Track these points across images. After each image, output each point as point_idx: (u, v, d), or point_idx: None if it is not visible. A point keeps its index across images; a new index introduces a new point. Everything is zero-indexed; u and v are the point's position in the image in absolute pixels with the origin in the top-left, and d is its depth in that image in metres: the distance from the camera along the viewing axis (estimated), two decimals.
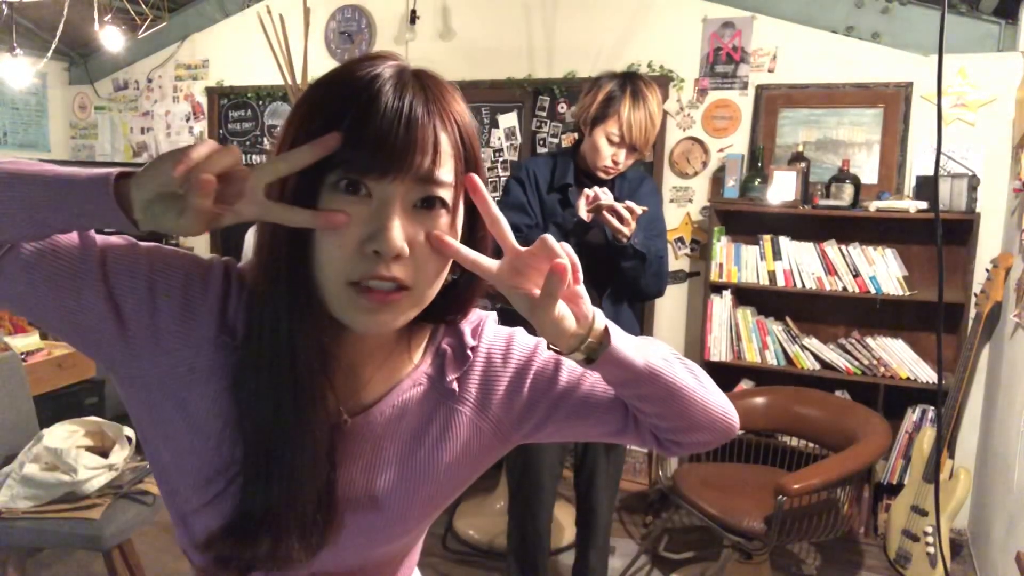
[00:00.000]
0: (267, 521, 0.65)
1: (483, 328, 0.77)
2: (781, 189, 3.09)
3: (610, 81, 1.95)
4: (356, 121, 0.60)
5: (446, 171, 0.63)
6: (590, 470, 2.15)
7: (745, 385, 3.24)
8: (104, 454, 2.17)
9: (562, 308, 0.63)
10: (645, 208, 1.83)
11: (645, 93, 1.91)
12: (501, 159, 3.84)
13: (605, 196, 1.84)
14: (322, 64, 3.96)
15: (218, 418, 0.66)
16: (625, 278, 1.96)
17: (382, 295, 0.62)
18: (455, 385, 0.74)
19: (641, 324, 2.36)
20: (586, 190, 1.88)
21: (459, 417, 0.74)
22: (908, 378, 2.97)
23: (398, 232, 0.60)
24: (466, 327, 0.76)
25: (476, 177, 0.65)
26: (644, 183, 2.10)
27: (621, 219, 1.81)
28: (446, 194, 0.64)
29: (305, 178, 0.62)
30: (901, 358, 3.00)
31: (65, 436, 2.19)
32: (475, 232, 0.70)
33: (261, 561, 0.66)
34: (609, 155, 1.93)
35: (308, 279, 0.64)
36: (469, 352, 0.75)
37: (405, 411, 0.73)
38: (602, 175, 1.97)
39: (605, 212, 1.82)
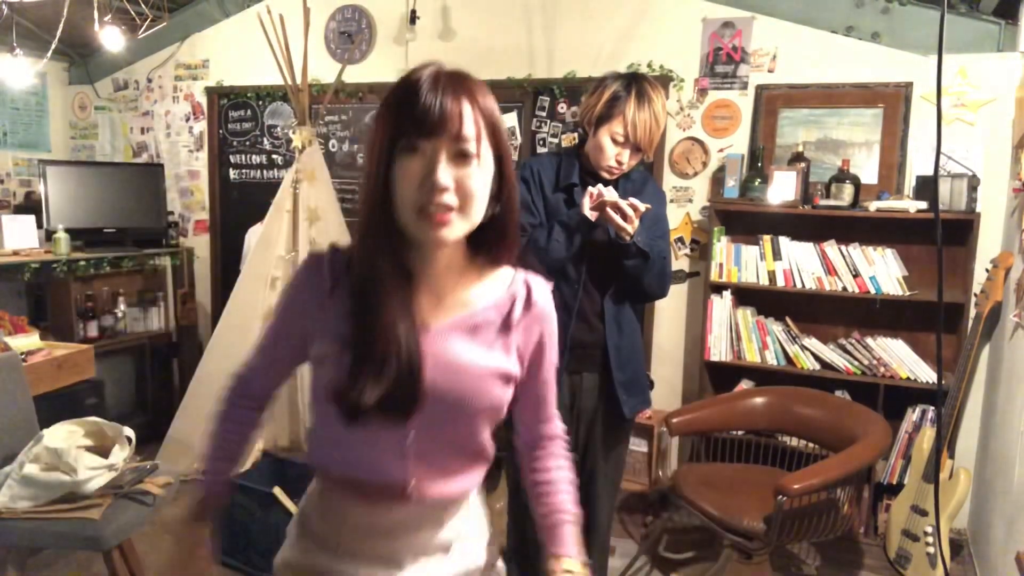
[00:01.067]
0: (372, 382, 0.93)
1: (545, 292, 1.10)
2: (781, 189, 3.09)
3: (615, 81, 1.95)
4: (410, 107, 0.93)
5: (471, 132, 0.93)
6: (590, 471, 2.15)
7: (745, 385, 3.24)
8: (104, 454, 2.17)
9: None
10: (648, 206, 1.83)
11: (650, 94, 1.90)
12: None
13: (609, 193, 1.84)
14: (322, 64, 3.96)
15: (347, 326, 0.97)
16: (628, 278, 1.96)
17: (439, 216, 0.92)
18: (514, 322, 1.05)
19: (642, 324, 2.36)
20: (590, 188, 1.88)
21: (508, 343, 1.05)
22: (908, 378, 2.97)
23: (443, 173, 0.91)
24: (535, 284, 1.08)
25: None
26: (648, 184, 2.10)
27: (625, 217, 1.81)
28: (473, 149, 0.93)
29: (386, 149, 0.93)
30: (901, 358, 3.00)
31: (65, 436, 2.19)
32: (503, 185, 0.99)
33: (371, 411, 0.94)
34: (613, 155, 1.93)
35: (391, 217, 0.94)
36: (537, 299, 1.07)
37: (477, 329, 1.03)
38: (606, 175, 1.97)
39: (609, 209, 1.81)
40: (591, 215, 1.86)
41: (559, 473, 1.18)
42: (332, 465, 1.05)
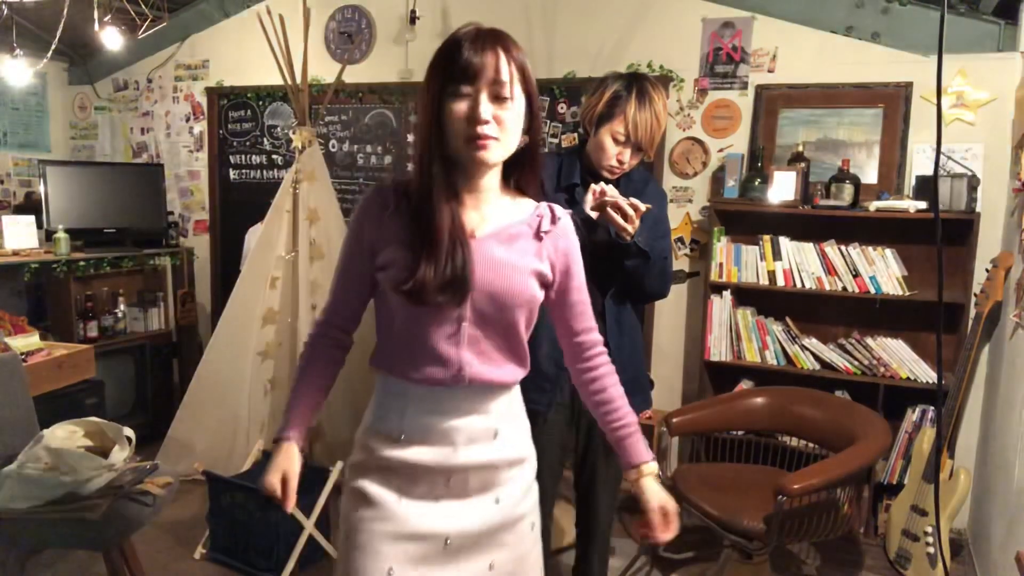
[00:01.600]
0: (432, 271, 1.16)
1: (566, 217, 1.34)
2: (781, 189, 3.09)
3: (616, 81, 1.95)
4: (455, 59, 1.15)
5: (506, 77, 1.15)
6: (591, 470, 2.15)
7: (745, 385, 3.24)
8: (104, 454, 2.17)
9: None
10: (650, 206, 1.83)
11: (651, 93, 1.91)
12: None
13: (611, 191, 1.84)
14: (322, 64, 3.96)
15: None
16: (629, 278, 1.96)
17: (482, 141, 1.14)
18: (543, 233, 1.28)
19: (642, 324, 2.36)
20: (593, 185, 1.88)
21: (540, 251, 1.28)
22: (908, 378, 2.97)
23: (484, 109, 1.14)
24: (557, 208, 1.32)
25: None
26: (649, 184, 2.10)
27: (625, 216, 1.81)
28: (508, 92, 1.16)
29: (437, 95, 1.15)
30: (901, 358, 3.00)
31: (65, 436, 2.19)
32: (532, 120, 1.23)
33: (432, 295, 1.16)
34: (614, 154, 1.92)
35: (442, 148, 1.17)
36: (560, 217, 1.31)
37: (513, 238, 1.26)
38: (607, 175, 1.97)
39: (609, 209, 1.81)
40: (593, 214, 1.86)
41: (613, 389, 1.38)
42: (397, 361, 1.25)
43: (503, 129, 1.16)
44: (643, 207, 1.81)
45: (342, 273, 1.32)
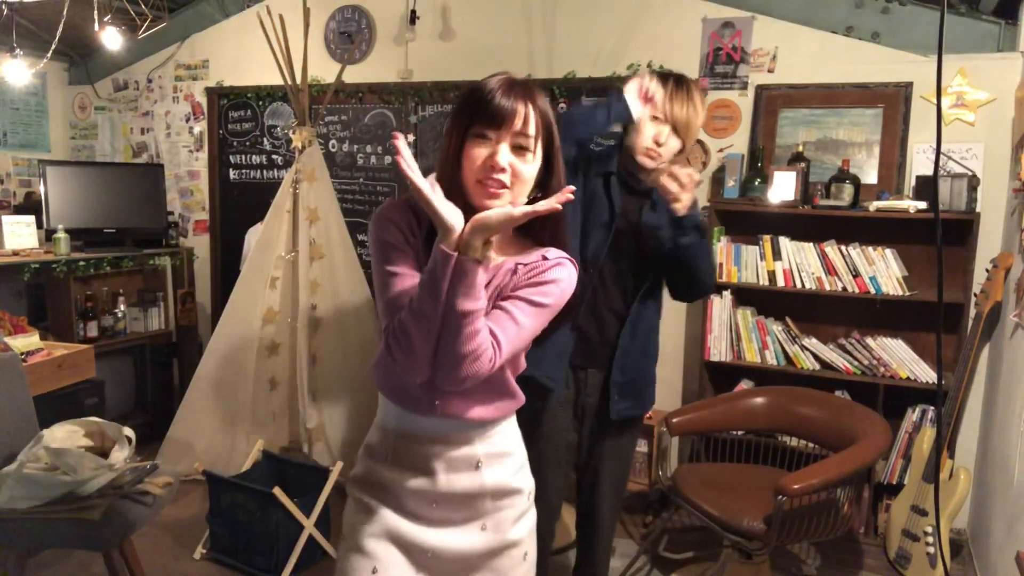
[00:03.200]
0: None
1: (553, 260, 1.22)
2: (781, 189, 3.09)
3: (652, 75, 1.96)
4: (485, 104, 1.14)
5: (531, 131, 1.16)
6: (595, 470, 2.14)
7: (745, 385, 3.24)
8: (104, 454, 2.17)
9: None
10: (700, 180, 1.83)
11: (687, 82, 1.93)
12: None
13: (655, 88, 1.84)
14: (322, 64, 3.96)
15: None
16: (681, 263, 1.92)
17: (492, 189, 1.14)
18: (520, 266, 1.21)
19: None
20: (642, 80, 1.86)
21: (511, 280, 1.20)
22: (908, 378, 2.97)
23: (503, 155, 1.14)
24: (552, 253, 1.23)
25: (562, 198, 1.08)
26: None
27: (681, 185, 1.78)
28: (530, 144, 1.16)
29: (461, 134, 1.16)
30: (901, 358, 3.00)
31: (65, 436, 2.19)
32: (551, 177, 1.22)
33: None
34: (651, 135, 1.91)
35: (459, 185, 1.17)
36: (549, 259, 1.22)
37: (498, 271, 1.21)
38: (645, 160, 1.94)
39: (664, 178, 1.79)
40: (640, 111, 1.85)
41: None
42: (384, 380, 1.26)
43: (517, 179, 1.16)
44: (697, 176, 1.80)
45: (402, 272, 1.17)
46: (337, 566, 1.29)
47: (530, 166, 1.17)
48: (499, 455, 1.28)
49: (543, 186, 1.21)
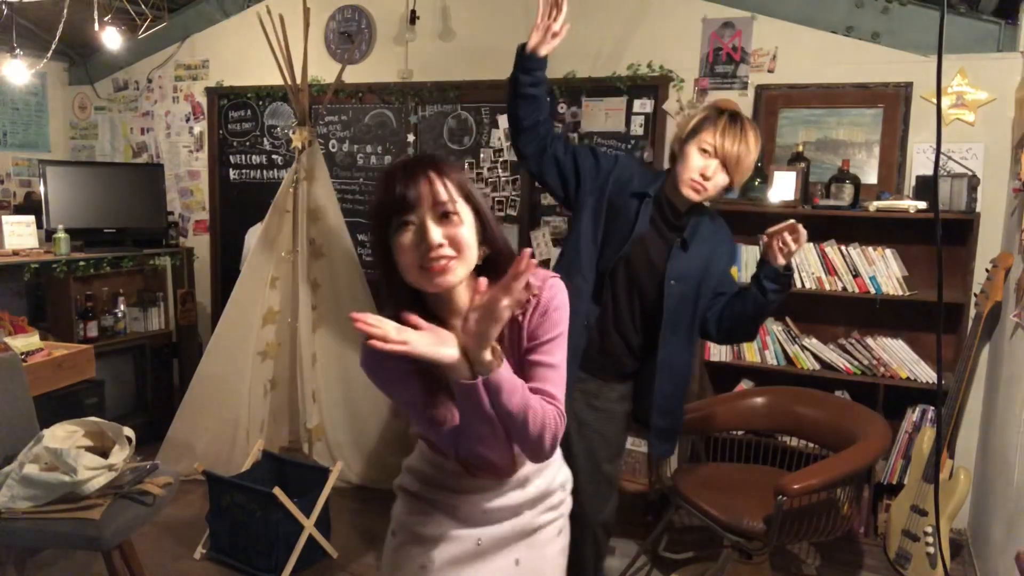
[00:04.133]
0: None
1: (543, 289, 1.19)
2: (781, 189, 3.09)
3: (707, 108, 1.95)
4: (392, 196, 1.10)
5: (445, 197, 1.10)
6: (581, 484, 2.13)
7: (745, 385, 3.24)
8: (104, 454, 2.17)
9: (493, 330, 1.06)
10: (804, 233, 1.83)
11: (744, 122, 1.90)
12: (501, 159, 3.84)
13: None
14: (322, 64, 3.96)
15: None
16: (760, 312, 1.95)
17: (438, 267, 1.09)
18: (524, 320, 1.18)
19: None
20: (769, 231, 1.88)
21: (520, 333, 1.19)
22: (908, 378, 2.97)
23: (434, 232, 1.09)
24: (533, 281, 1.15)
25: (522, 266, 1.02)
26: (721, 230, 2.07)
27: (797, 240, 1.81)
28: (452, 207, 1.11)
29: (380, 232, 1.13)
30: (901, 358, 3.00)
31: (65, 436, 2.19)
32: (486, 232, 1.16)
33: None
34: (699, 168, 1.87)
35: (404, 282, 1.13)
36: (538, 293, 1.18)
37: (502, 340, 1.15)
38: (689, 192, 1.91)
39: (786, 234, 1.82)
40: (781, 263, 1.88)
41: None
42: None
43: (458, 246, 1.10)
44: (804, 236, 1.82)
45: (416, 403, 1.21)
46: (384, 561, 1.35)
47: (465, 229, 1.12)
48: (544, 466, 1.33)
49: (484, 242, 1.16)
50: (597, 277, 1.99)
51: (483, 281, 1.07)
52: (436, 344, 1.04)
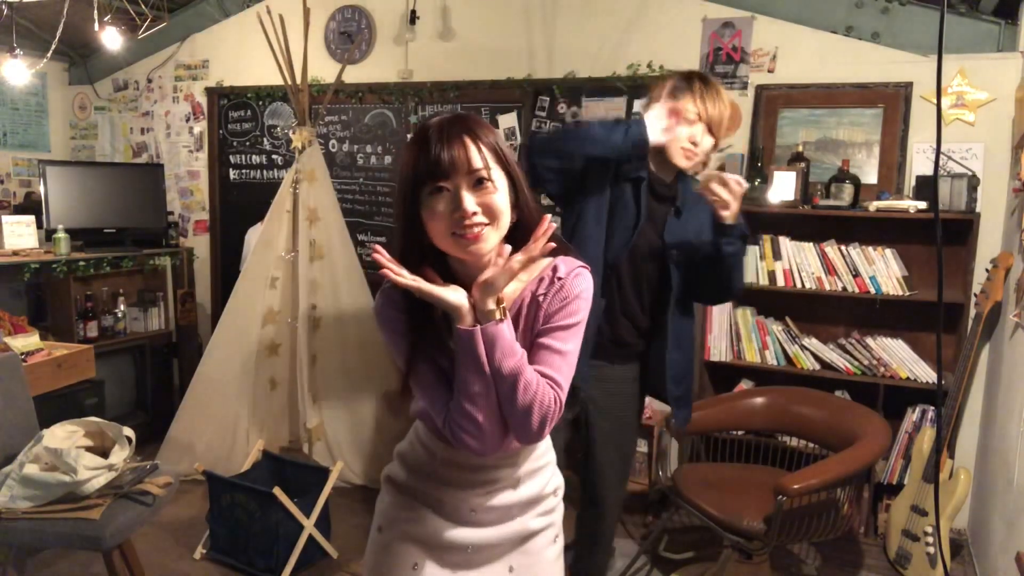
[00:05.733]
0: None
1: (572, 271, 1.19)
2: (781, 189, 3.09)
3: (671, 77, 1.95)
4: (427, 158, 1.09)
5: (480, 164, 1.09)
6: (599, 465, 2.14)
7: (745, 385, 3.24)
8: (104, 454, 2.17)
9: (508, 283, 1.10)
10: (747, 187, 1.81)
11: (712, 81, 1.91)
12: None
13: (689, 111, 1.83)
14: (322, 64, 3.96)
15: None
16: (721, 269, 1.92)
17: (472, 235, 1.09)
18: (541, 296, 1.18)
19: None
20: (674, 105, 1.84)
21: (536, 312, 1.18)
22: (908, 378, 2.97)
23: (468, 202, 1.08)
24: (563, 263, 1.19)
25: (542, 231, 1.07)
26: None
27: (731, 191, 1.77)
28: (487, 175, 1.10)
29: (411, 199, 1.11)
30: (901, 358, 3.00)
31: (65, 436, 2.19)
32: (518, 196, 1.16)
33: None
34: (687, 135, 1.89)
35: (427, 245, 1.13)
36: (561, 276, 1.18)
37: (518, 313, 1.18)
38: (681, 161, 1.92)
39: (714, 184, 1.78)
40: (659, 136, 1.83)
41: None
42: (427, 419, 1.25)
43: (492, 214, 1.10)
44: (745, 184, 1.80)
45: (423, 372, 1.19)
46: (371, 558, 1.31)
47: (499, 195, 1.11)
48: (537, 469, 1.31)
49: (515, 206, 1.16)
50: (604, 270, 1.99)
51: (507, 247, 1.09)
52: (445, 290, 1.08)
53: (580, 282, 1.18)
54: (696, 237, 1.97)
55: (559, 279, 1.17)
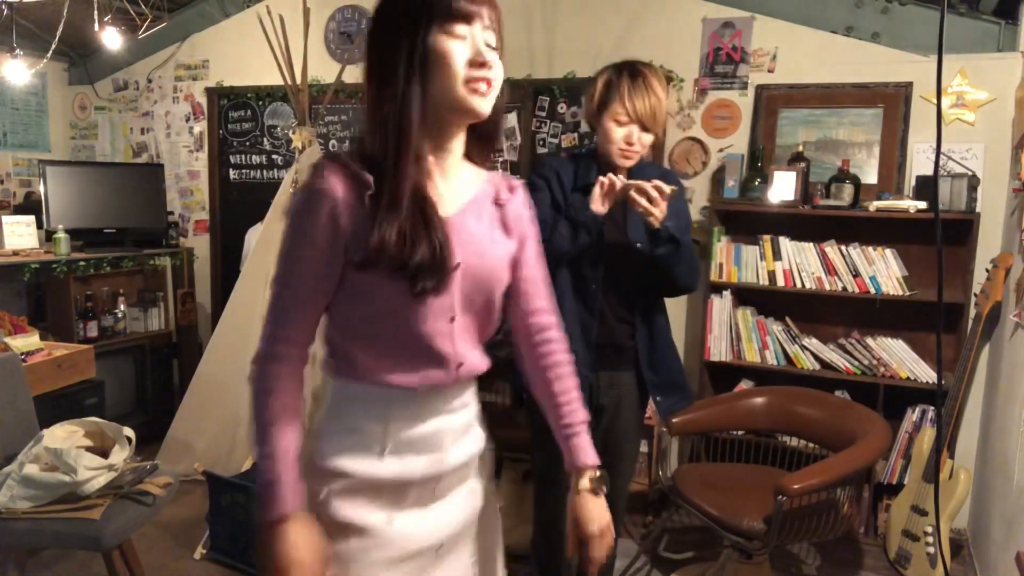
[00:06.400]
0: (420, 252, 1.03)
1: (519, 185, 1.25)
2: (781, 189, 3.09)
3: (607, 71, 1.96)
4: (448, 2, 1.01)
5: (494, 26, 1.06)
6: (607, 463, 2.14)
7: (745, 385, 3.24)
8: (104, 454, 2.17)
9: None
10: (674, 187, 1.81)
11: (643, 71, 1.90)
12: (500, 159, 3.84)
13: (621, 180, 1.83)
14: (322, 64, 3.96)
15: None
16: (659, 269, 1.93)
17: (485, 86, 1.04)
18: (503, 202, 1.20)
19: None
20: (600, 178, 1.86)
21: (502, 220, 1.20)
22: (908, 378, 2.97)
23: (489, 52, 1.04)
24: (507, 175, 1.25)
25: None
26: (667, 177, 2.08)
27: (651, 200, 1.78)
28: (496, 42, 1.07)
29: (417, 39, 1.01)
30: (901, 358, 3.00)
31: (65, 436, 2.19)
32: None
33: (420, 269, 1.03)
34: (621, 137, 1.90)
35: (439, 91, 1.03)
36: (515, 186, 1.24)
37: (481, 210, 1.17)
38: (622, 161, 1.93)
39: (633, 193, 1.78)
40: (602, 208, 1.84)
41: (567, 380, 1.28)
42: (376, 366, 1.10)
43: (497, 75, 1.06)
44: (667, 188, 1.79)
45: (302, 280, 1.15)
46: (348, 557, 1.11)
47: (500, 63, 1.07)
48: (478, 412, 1.23)
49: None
50: (586, 280, 1.99)
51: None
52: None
53: (527, 197, 1.27)
54: (673, 215, 1.96)
55: (512, 190, 1.23)
